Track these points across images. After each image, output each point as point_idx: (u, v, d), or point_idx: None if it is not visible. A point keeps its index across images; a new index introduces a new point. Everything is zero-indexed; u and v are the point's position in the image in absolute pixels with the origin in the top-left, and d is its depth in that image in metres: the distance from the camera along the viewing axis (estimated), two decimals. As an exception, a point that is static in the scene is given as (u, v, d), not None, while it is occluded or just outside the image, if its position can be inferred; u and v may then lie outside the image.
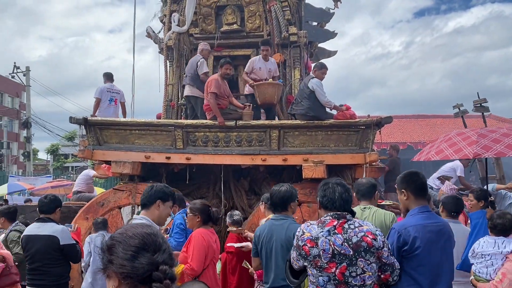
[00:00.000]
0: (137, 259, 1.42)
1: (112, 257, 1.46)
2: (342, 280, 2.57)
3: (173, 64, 7.70)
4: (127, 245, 1.45)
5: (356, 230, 2.63)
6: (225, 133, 6.47)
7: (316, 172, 6.17)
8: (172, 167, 6.81)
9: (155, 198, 3.20)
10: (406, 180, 3.01)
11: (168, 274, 1.42)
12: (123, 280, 1.42)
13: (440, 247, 2.86)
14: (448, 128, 18.29)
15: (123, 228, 1.56)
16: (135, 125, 6.70)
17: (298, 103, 6.39)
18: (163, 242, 1.50)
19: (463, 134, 3.77)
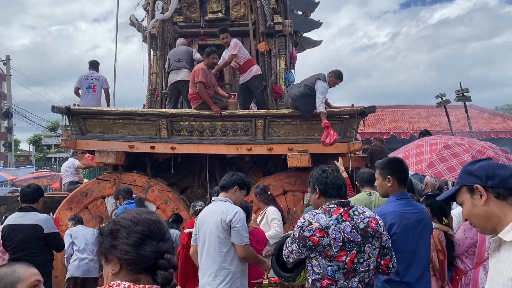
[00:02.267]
0: (143, 246, 1.40)
1: (115, 242, 1.43)
2: (351, 268, 2.55)
3: (157, 53, 7.62)
4: (132, 231, 1.42)
5: (361, 216, 2.62)
6: (210, 122, 6.45)
7: (301, 161, 6.20)
8: (157, 157, 6.77)
9: (234, 184, 3.62)
10: (392, 167, 3.04)
11: (172, 263, 1.42)
12: (127, 266, 1.40)
13: (417, 234, 2.92)
14: (431, 118, 18.53)
15: (127, 213, 1.52)
16: (118, 114, 6.63)
17: (298, 86, 6.31)
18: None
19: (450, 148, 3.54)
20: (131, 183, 6.59)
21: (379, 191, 3.16)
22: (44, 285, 4.42)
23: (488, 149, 3.46)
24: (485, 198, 1.62)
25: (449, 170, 3.30)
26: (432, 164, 3.35)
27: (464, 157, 3.34)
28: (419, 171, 3.44)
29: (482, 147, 3.47)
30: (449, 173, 3.27)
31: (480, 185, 1.63)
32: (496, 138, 20.12)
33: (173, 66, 7.00)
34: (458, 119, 13.45)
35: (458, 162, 3.32)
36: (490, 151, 3.41)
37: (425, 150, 3.56)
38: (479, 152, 3.38)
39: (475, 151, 3.38)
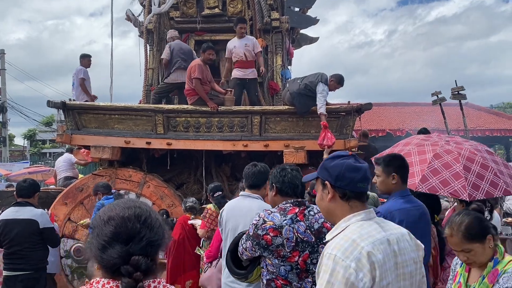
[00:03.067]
0: (107, 250, 1.33)
1: (90, 242, 1.41)
2: (304, 268, 2.53)
3: (154, 48, 7.59)
4: (101, 233, 1.37)
5: (316, 217, 2.60)
6: (207, 118, 6.44)
7: (297, 157, 6.21)
8: (153, 152, 6.76)
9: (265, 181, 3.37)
10: (397, 164, 3.00)
11: (141, 265, 1.32)
12: (104, 267, 1.37)
13: (419, 230, 2.93)
14: (426, 116, 18.58)
15: (106, 208, 1.46)
16: (114, 109, 6.61)
17: (298, 83, 6.27)
18: (142, 227, 1.38)
19: (441, 157, 3.38)
20: (127, 178, 6.58)
21: (381, 188, 3.09)
22: (39, 280, 4.45)
23: (477, 154, 3.35)
24: (330, 196, 1.74)
25: (442, 184, 3.17)
26: (425, 178, 3.20)
27: (456, 168, 3.24)
28: (413, 187, 3.24)
29: (470, 153, 3.34)
30: (443, 187, 3.15)
31: (329, 183, 1.74)
32: (491, 136, 20.23)
33: (180, 64, 6.82)
34: (454, 117, 13.50)
35: (450, 174, 3.19)
36: (478, 157, 3.32)
37: (414, 161, 3.40)
38: (469, 160, 3.28)
39: (465, 159, 3.27)
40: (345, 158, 1.79)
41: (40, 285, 4.42)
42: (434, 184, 3.19)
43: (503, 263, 2.12)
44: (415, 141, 3.74)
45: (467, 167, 3.23)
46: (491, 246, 2.17)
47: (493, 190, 3.13)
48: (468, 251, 2.17)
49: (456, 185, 3.12)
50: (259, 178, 3.40)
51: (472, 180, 3.14)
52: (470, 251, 2.17)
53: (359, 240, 1.60)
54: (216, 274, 4.15)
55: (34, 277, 4.33)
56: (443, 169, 3.25)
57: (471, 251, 2.17)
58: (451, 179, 3.17)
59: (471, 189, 3.10)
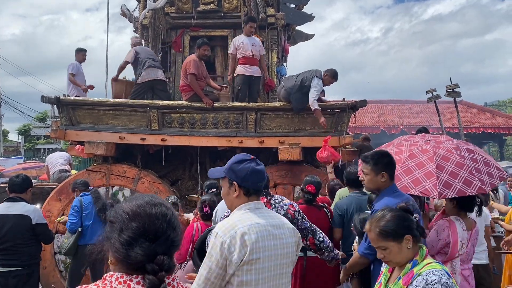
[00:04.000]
0: (133, 247, 1.32)
1: (110, 235, 1.38)
2: None
3: (149, 44, 7.55)
4: (125, 228, 1.35)
5: (281, 204, 2.87)
6: (202, 114, 6.43)
7: (292, 154, 6.21)
8: (147, 148, 6.74)
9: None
10: (386, 162, 3.00)
11: (165, 265, 1.33)
12: (123, 263, 1.35)
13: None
14: (421, 113, 18.65)
15: (130, 202, 1.42)
16: (109, 105, 6.58)
17: (293, 79, 6.29)
18: (168, 227, 1.39)
19: (415, 157, 3.35)
20: (121, 174, 6.56)
21: (369, 185, 3.08)
22: (32, 276, 4.43)
23: (454, 152, 3.31)
24: (237, 193, 2.15)
25: (414, 183, 3.15)
26: (397, 178, 3.16)
27: (429, 167, 3.21)
28: None
29: (447, 152, 3.31)
30: (414, 186, 3.13)
31: (237, 183, 2.15)
32: (486, 134, 20.34)
33: (150, 63, 6.83)
34: (448, 114, 13.57)
35: (422, 173, 3.16)
36: (455, 155, 3.30)
37: None
38: (444, 158, 3.25)
39: (439, 157, 3.23)
40: (249, 162, 2.18)
41: (33, 280, 4.40)
42: (406, 184, 3.18)
43: (420, 266, 2.05)
44: (396, 142, 3.76)
45: (440, 166, 3.21)
46: (409, 247, 2.10)
47: (466, 189, 3.10)
48: (384, 248, 2.12)
49: (427, 184, 3.11)
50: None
51: (444, 178, 3.12)
52: (385, 249, 2.12)
53: (238, 222, 2.03)
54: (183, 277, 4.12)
55: (27, 273, 4.31)
56: (416, 168, 3.23)
57: (386, 249, 2.12)
58: (423, 178, 3.15)
59: (442, 187, 3.07)
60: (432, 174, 3.15)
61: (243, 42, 6.69)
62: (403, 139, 3.80)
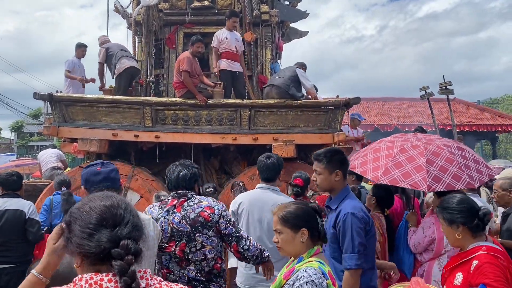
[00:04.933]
0: (94, 237, 1.32)
1: (70, 235, 1.37)
2: (182, 257, 2.66)
3: (142, 40, 7.53)
4: (84, 222, 1.35)
5: (194, 207, 2.73)
6: (195, 111, 6.42)
7: (285, 151, 6.22)
8: (141, 145, 6.72)
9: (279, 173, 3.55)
10: (340, 160, 2.88)
11: (130, 248, 1.31)
12: (84, 258, 1.34)
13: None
14: (415, 111, 18.72)
15: (81, 201, 1.45)
16: (102, 102, 6.55)
17: (280, 77, 6.47)
18: (125, 213, 1.39)
19: (406, 152, 3.37)
20: (115, 171, 6.53)
21: (322, 185, 2.91)
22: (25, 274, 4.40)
23: (444, 149, 3.35)
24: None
25: (404, 176, 3.18)
26: (387, 171, 3.21)
27: (419, 161, 3.24)
28: (375, 179, 3.26)
29: (438, 148, 3.35)
30: (404, 179, 3.15)
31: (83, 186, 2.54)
32: (478, 132, 20.47)
33: (121, 53, 6.97)
34: (441, 112, 13.63)
35: (412, 167, 3.20)
36: (445, 151, 3.34)
37: (381, 156, 3.43)
38: (434, 154, 3.30)
39: (430, 153, 3.27)
40: (93, 166, 2.46)
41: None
42: (396, 177, 3.21)
43: (302, 263, 2.08)
44: (388, 138, 3.81)
45: (431, 160, 3.26)
46: (303, 240, 2.12)
47: (455, 183, 3.15)
48: (280, 232, 2.16)
49: (416, 177, 3.14)
50: (274, 170, 3.48)
51: (434, 172, 3.17)
52: (280, 234, 2.16)
53: None
54: None
55: (20, 270, 4.29)
56: (406, 162, 3.28)
57: (281, 234, 2.16)
58: (413, 171, 3.19)
59: (432, 181, 3.11)
60: (422, 168, 3.19)
61: (227, 37, 6.70)
62: (395, 136, 3.85)
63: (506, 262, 2.39)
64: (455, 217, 2.47)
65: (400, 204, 4.49)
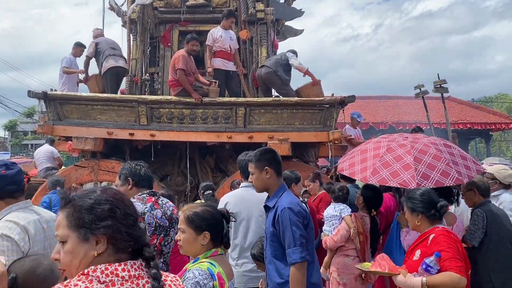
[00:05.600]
0: (136, 227, 1.35)
1: (111, 222, 1.32)
2: (160, 250, 2.84)
3: (137, 38, 7.50)
4: (127, 213, 1.36)
5: (167, 205, 2.96)
6: (191, 109, 6.41)
7: (281, 149, 6.20)
8: (136, 143, 6.71)
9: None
10: (268, 157, 2.91)
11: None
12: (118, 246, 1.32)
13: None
14: (409, 109, 18.78)
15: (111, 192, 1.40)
16: (97, 100, 6.53)
17: (270, 60, 6.80)
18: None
19: (393, 151, 3.36)
20: (110, 170, 6.52)
21: (257, 185, 2.94)
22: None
23: (431, 146, 3.35)
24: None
25: (392, 175, 3.18)
26: (376, 171, 3.21)
27: (407, 159, 3.24)
28: (364, 180, 3.28)
29: (425, 146, 3.35)
30: (393, 178, 3.15)
31: None
32: (473, 130, 20.56)
33: (109, 52, 7.05)
34: (436, 110, 13.68)
35: (400, 165, 3.19)
36: (432, 149, 3.33)
37: (369, 156, 3.43)
38: (421, 152, 3.29)
39: (417, 151, 3.27)
40: None
41: None
42: (384, 176, 3.22)
43: (195, 263, 2.11)
44: (375, 139, 3.83)
45: (418, 158, 3.26)
46: (203, 243, 2.16)
47: (443, 179, 3.16)
48: (183, 231, 2.20)
49: (405, 176, 3.15)
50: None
51: (422, 170, 3.17)
52: (183, 233, 2.19)
53: (18, 220, 2.22)
54: None
55: None
56: (394, 161, 3.28)
57: (184, 233, 2.19)
58: (401, 170, 3.20)
59: (420, 178, 3.11)
60: (410, 166, 3.20)
61: (222, 36, 6.70)
62: (381, 137, 3.87)
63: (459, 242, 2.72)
64: (416, 206, 2.82)
65: (393, 203, 4.51)
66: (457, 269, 2.53)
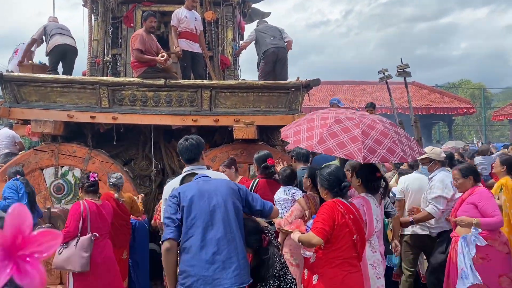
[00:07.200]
0: None
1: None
2: None
3: (98, 18, 7.25)
4: None
5: None
6: (154, 92, 6.27)
7: (246, 132, 6.20)
8: (98, 127, 6.53)
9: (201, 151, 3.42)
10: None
11: None
12: None
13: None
14: (375, 94, 19.09)
15: None
16: (56, 82, 6.29)
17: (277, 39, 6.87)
18: None
19: (341, 123, 3.37)
20: (71, 154, 6.34)
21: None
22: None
23: (378, 123, 3.38)
24: None
25: (339, 146, 3.20)
26: (322, 140, 3.22)
27: (354, 132, 3.26)
28: (310, 148, 3.33)
29: (372, 121, 3.37)
30: (339, 149, 3.17)
31: None
32: (435, 114, 21.13)
33: (56, 31, 6.90)
34: (401, 95, 13.97)
35: (348, 137, 3.21)
36: (380, 125, 3.36)
37: (316, 125, 3.43)
38: (369, 127, 3.31)
39: (365, 125, 3.29)
40: None
41: None
42: (331, 146, 3.20)
43: None
44: (322, 110, 3.83)
45: (366, 132, 3.25)
46: None
47: (389, 156, 3.20)
48: None
49: (352, 148, 3.15)
50: (193, 150, 3.36)
51: (369, 144, 3.18)
52: None
53: None
54: (79, 253, 4.10)
55: None
56: (341, 132, 3.27)
57: None
58: (348, 142, 3.19)
59: (367, 152, 3.12)
60: (357, 139, 3.19)
61: (186, 16, 6.54)
62: (329, 109, 3.88)
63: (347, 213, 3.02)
64: (323, 182, 3.18)
65: None
66: (315, 229, 2.97)
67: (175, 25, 6.56)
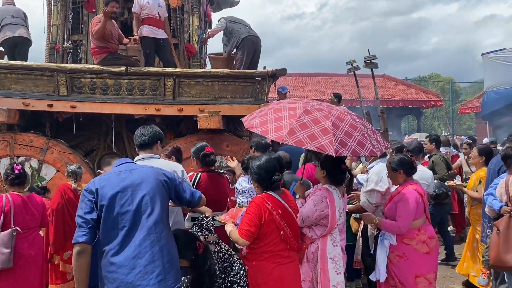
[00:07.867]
0: None
1: None
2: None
3: (57, 3, 6.94)
4: None
5: None
6: (115, 80, 6.05)
7: (211, 122, 6.06)
8: (56, 116, 6.27)
9: (156, 139, 3.30)
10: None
11: None
12: None
13: None
14: (346, 86, 19.22)
15: None
16: (11, 68, 6.00)
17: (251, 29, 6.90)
18: None
19: (310, 114, 3.27)
20: (28, 144, 6.08)
21: None
22: None
23: (347, 115, 3.31)
24: None
25: (310, 138, 3.07)
26: (292, 131, 3.08)
27: (325, 124, 3.15)
28: (279, 139, 3.17)
29: (340, 113, 3.29)
30: (310, 141, 3.04)
31: None
32: (404, 107, 21.47)
33: (7, 21, 6.66)
34: (371, 87, 14.06)
35: (319, 129, 3.09)
36: (348, 118, 3.28)
37: (284, 115, 3.28)
38: (338, 118, 3.22)
39: (334, 117, 3.19)
40: None
41: None
42: (301, 138, 3.06)
43: None
44: (288, 100, 3.70)
45: (336, 124, 3.15)
46: None
47: (359, 149, 3.12)
48: None
49: (323, 140, 3.04)
50: (148, 136, 3.24)
51: (340, 137, 3.08)
52: None
53: None
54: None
55: None
56: (312, 124, 3.14)
57: None
58: (319, 134, 3.08)
59: (338, 145, 3.04)
60: (328, 131, 3.09)
61: (149, 2, 6.30)
62: (294, 98, 3.77)
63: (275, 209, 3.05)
64: (253, 176, 3.20)
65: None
66: (241, 231, 3.02)
67: (136, 12, 6.33)
